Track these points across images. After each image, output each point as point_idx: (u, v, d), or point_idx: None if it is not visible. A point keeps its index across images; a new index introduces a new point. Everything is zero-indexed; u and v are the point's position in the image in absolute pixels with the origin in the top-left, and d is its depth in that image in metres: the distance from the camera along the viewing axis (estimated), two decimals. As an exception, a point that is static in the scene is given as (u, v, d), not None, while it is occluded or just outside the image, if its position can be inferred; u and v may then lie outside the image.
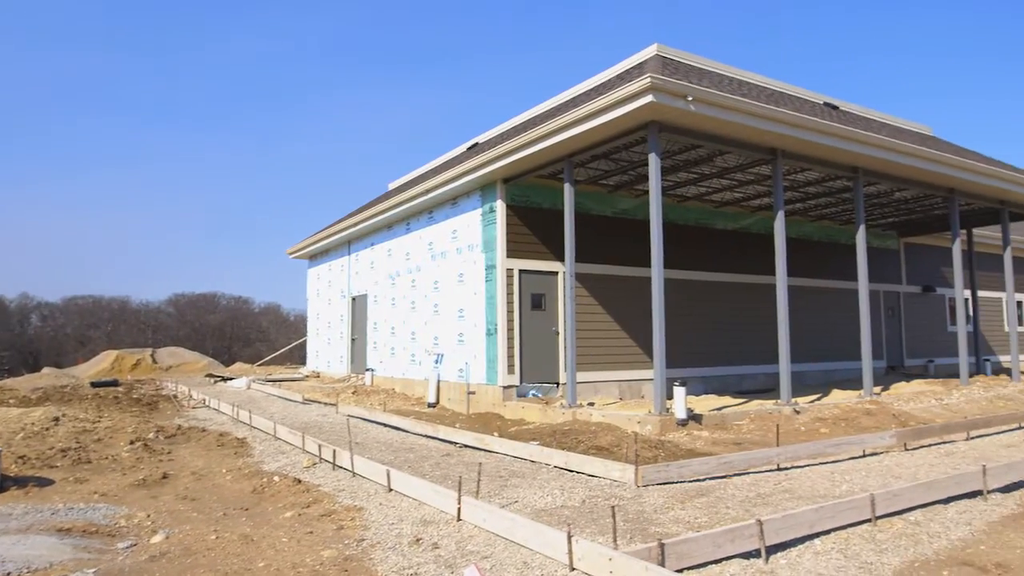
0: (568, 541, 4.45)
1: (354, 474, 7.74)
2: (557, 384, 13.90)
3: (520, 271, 13.84)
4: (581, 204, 14.33)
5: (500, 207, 13.83)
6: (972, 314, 20.61)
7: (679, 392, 10.30)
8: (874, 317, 19.71)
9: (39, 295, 63.45)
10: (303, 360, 28.69)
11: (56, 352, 49.15)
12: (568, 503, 6.39)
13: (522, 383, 13.56)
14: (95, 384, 19.87)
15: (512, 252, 13.80)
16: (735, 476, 7.38)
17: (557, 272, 14.18)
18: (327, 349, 24.08)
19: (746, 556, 4.74)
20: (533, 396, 13.45)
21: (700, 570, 4.54)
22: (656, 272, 10.73)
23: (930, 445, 9.34)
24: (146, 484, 7.76)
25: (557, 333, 14.07)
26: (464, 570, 4.49)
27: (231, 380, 22.36)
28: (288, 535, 5.62)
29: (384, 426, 12.01)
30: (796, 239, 18.09)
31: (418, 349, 16.92)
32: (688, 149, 12.49)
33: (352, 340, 21.75)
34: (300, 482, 7.50)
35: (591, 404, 12.67)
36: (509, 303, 13.64)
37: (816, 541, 5.11)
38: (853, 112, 17.18)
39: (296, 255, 26.23)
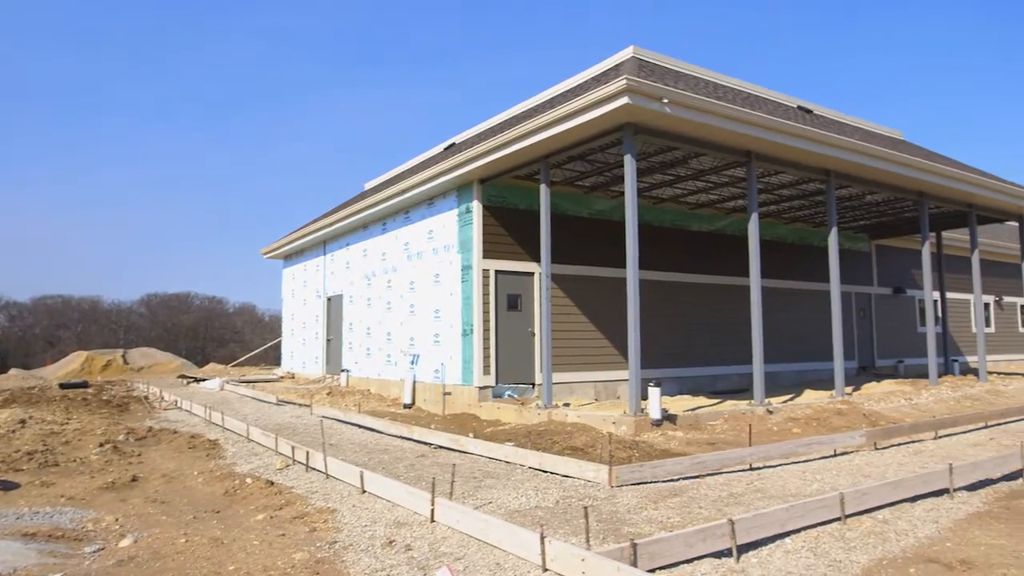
0: (541, 542, 4.46)
1: (327, 476, 7.69)
2: (533, 385, 13.91)
3: (496, 272, 13.84)
4: (557, 205, 14.36)
5: (476, 207, 13.81)
6: (941, 315, 21.00)
7: (653, 393, 10.36)
8: (846, 318, 19.98)
9: (7, 294, 62.27)
10: (278, 361, 28.43)
11: (24, 353, 48.18)
12: (542, 504, 6.40)
13: (498, 384, 13.56)
14: (64, 385, 19.52)
15: (488, 253, 13.79)
16: (708, 476, 7.43)
17: (533, 273, 14.20)
18: (302, 350, 23.89)
19: (718, 555, 4.77)
20: (509, 397, 13.45)
21: (672, 570, 4.56)
22: (631, 273, 10.78)
23: (899, 444, 9.48)
24: (115, 487, 7.63)
25: (533, 334, 14.09)
26: (436, 572, 4.47)
27: (204, 381, 22.11)
28: (259, 538, 5.56)
29: (359, 427, 11.94)
30: (770, 241, 18.28)
31: (394, 350, 16.84)
32: (664, 151, 12.57)
33: (327, 341, 21.60)
34: (273, 484, 7.42)
35: (567, 405, 12.70)
36: (485, 304, 13.63)
37: (787, 540, 5.16)
38: (826, 116, 17.41)
39: (271, 255, 26.00)
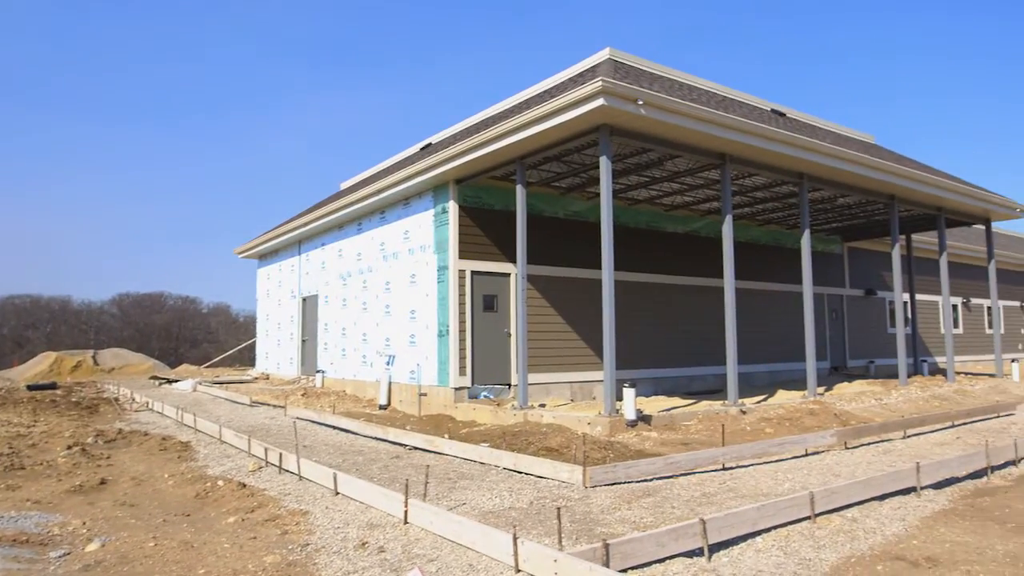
0: (513, 543, 4.46)
1: (300, 478, 7.62)
2: (509, 386, 13.91)
3: (472, 272, 13.82)
4: (533, 206, 14.38)
5: (452, 208, 13.79)
6: (911, 317, 21.35)
7: (629, 393, 10.41)
8: (818, 319, 20.24)
9: (-27, 294, 60.82)
10: (252, 362, 28.16)
11: (-9, 354, 47.22)
12: (516, 505, 6.40)
13: (474, 385, 13.54)
14: (31, 387, 19.17)
15: (464, 253, 13.77)
16: (681, 476, 7.48)
17: (509, 273, 14.20)
18: (277, 350, 23.68)
19: (689, 555, 4.81)
20: (485, 398, 13.44)
21: (644, 569, 4.58)
22: (607, 274, 10.82)
23: (869, 444, 9.62)
24: (83, 490, 7.50)
25: (509, 335, 14.09)
26: (408, 573, 4.46)
27: (176, 382, 21.83)
28: (230, 541, 5.50)
29: (333, 428, 11.86)
30: (744, 243, 18.46)
31: (369, 350, 16.75)
32: (639, 153, 12.64)
33: (302, 341, 21.42)
34: (245, 486, 7.35)
35: (542, 405, 12.71)
36: (461, 304, 13.61)
37: (758, 539, 5.21)
38: (799, 120, 17.61)
39: (245, 255, 25.74)
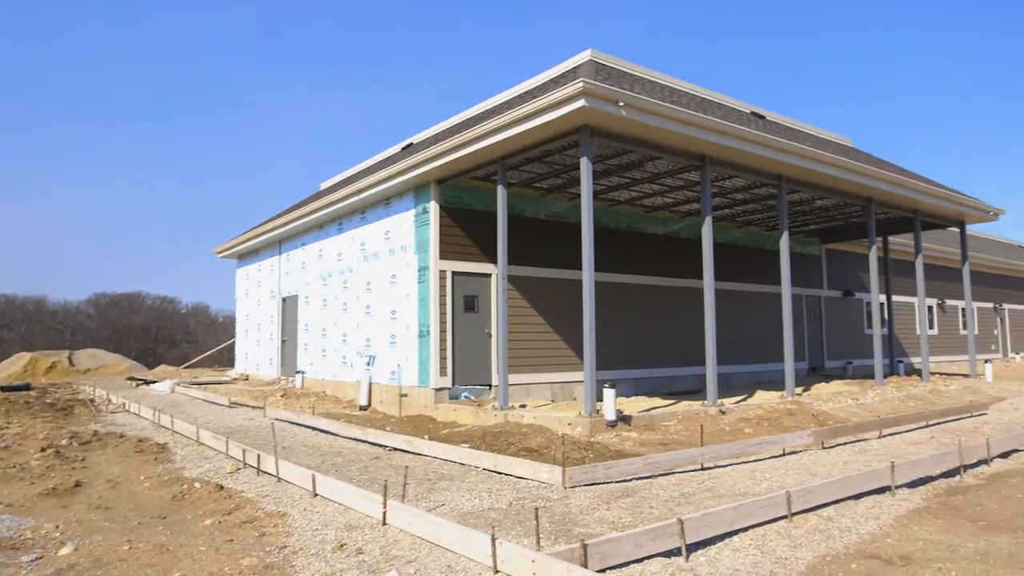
0: (492, 543, 4.45)
1: (279, 479, 7.57)
2: (490, 386, 13.91)
3: (453, 273, 13.80)
4: (514, 206, 14.39)
5: (433, 208, 13.76)
6: (887, 318, 21.61)
7: (609, 394, 10.45)
8: (797, 320, 20.44)
9: (-54, 294, 59.77)
10: (232, 363, 27.92)
11: (-36, 354, 46.40)
12: (495, 505, 6.40)
13: (454, 385, 13.52)
14: (4, 388, 18.87)
15: (445, 254, 13.75)
16: (660, 476, 7.52)
17: (490, 274, 14.20)
18: (256, 351, 23.49)
19: (667, 555, 4.83)
20: (465, 398, 13.42)
21: (622, 569, 4.60)
22: (587, 275, 10.85)
23: (845, 443, 9.72)
24: (56, 493, 7.40)
25: (490, 335, 14.08)
26: (386, 575, 4.44)
27: (154, 383, 21.58)
28: (207, 543, 5.44)
29: (313, 429, 11.79)
30: (724, 244, 18.59)
31: (350, 351, 16.68)
32: (620, 154, 12.69)
33: (282, 342, 21.28)
34: (222, 488, 7.28)
35: (523, 406, 12.72)
36: (442, 305, 13.58)
37: (735, 538, 5.25)
38: (778, 122, 17.77)
39: (224, 254, 25.52)
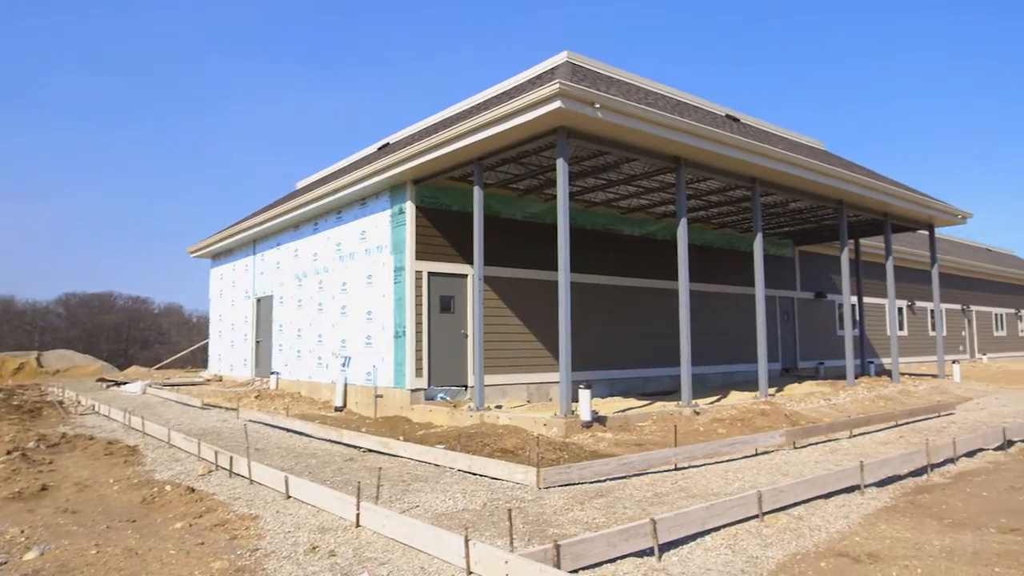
0: (465, 545, 4.45)
1: (251, 481, 7.50)
2: (466, 387, 13.89)
3: (429, 273, 13.77)
4: (491, 207, 14.39)
5: (410, 208, 13.72)
6: (858, 319, 21.93)
7: (584, 395, 10.48)
8: (770, 321, 20.67)
9: (-91, 293, 58.38)
10: (205, 363, 27.59)
11: (-72, 355, 45.31)
12: (470, 507, 6.39)
13: (430, 386, 13.49)
14: (-29, 390, 18.46)
15: (421, 254, 13.71)
16: (634, 476, 7.56)
17: (466, 275, 14.18)
18: (230, 352, 23.24)
19: (640, 555, 4.86)
20: (441, 399, 13.39)
21: (595, 570, 4.62)
22: (563, 276, 10.88)
23: (817, 443, 9.85)
24: (22, 497, 7.26)
25: (466, 336, 14.06)
26: (358, 578, 4.42)
27: (125, 384, 21.26)
28: (177, 547, 5.38)
29: (287, 431, 11.69)
30: (699, 246, 18.74)
31: (325, 352, 16.56)
32: (596, 155, 12.74)
33: (257, 342, 21.07)
34: (193, 491, 7.19)
35: (499, 407, 12.73)
36: (418, 305, 13.54)
37: (707, 538, 5.30)
38: (753, 125, 17.95)
39: (198, 254, 25.21)
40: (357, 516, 5.64)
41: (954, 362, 20.38)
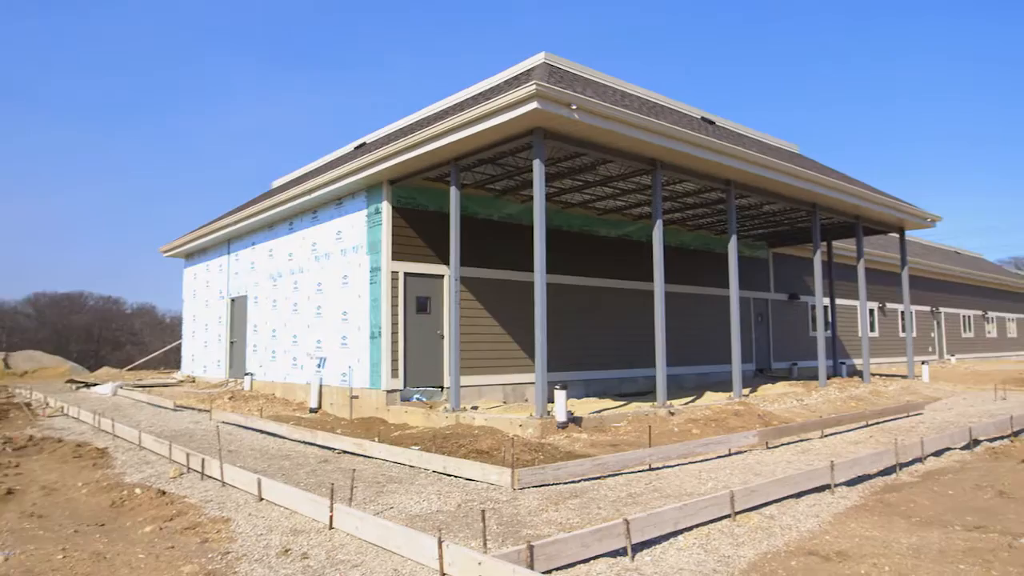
0: (439, 546, 4.44)
1: (223, 484, 7.42)
2: (442, 388, 13.86)
3: (405, 274, 13.72)
4: (467, 208, 14.38)
5: (386, 208, 13.65)
6: (831, 321, 22.21)
7: (559, 395, 10.50)
8: (745, 323, 20.88)
9: None
10: (178, 365, 27.24)
11: None
12: (444, 508, 6.38)
13: (406, 387, 13.44)
14: (-65, 391, 18.08)
15: (397, 254, 13.66)
16: (609, 477, 7.59)
17: (443, 275, 14.15)
18: (204, 353, 22.97)
19: (613, 555, 4.88)
20: (417, 400, 13.35)
21: (568, 570, 4.63)
22: (539, 277, 10.90)
23: (789, 443, 9.95)
24: (-13, 501, 7.12)
25: (442, 337, 14.03)
26: (331, 580, 4.39)
27: (95, 386, 20.93)
28: (146, 551, 5.30)
29: (260, 432, 11.58)
30: (674, 247, 18.88)
31: (300, 353, 16.43)
32: (572, 157, 12.78)
33: (231, 343, 20.85)
34: (164, 494, 7.10)
35: (475, 408, 12.71)
36: (394, 306, 13.49)
37: (680, 537, 5.33)
38: (728, 128, 18.11)
39: (171, 253, 24.90)
40: (330, 518, 5.61)
41: (923, 363, 20.73)
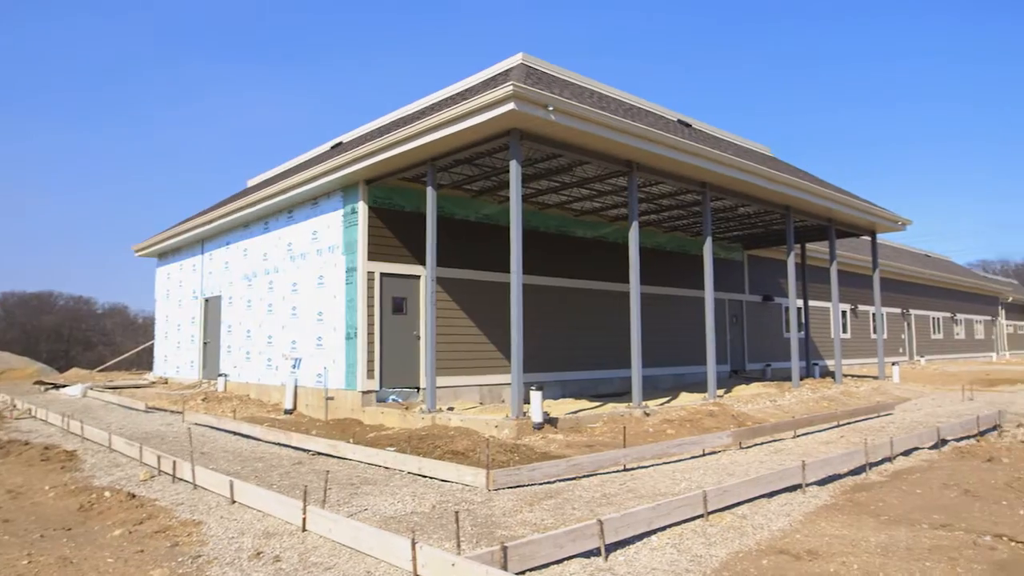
0: (412, 548, 4.42)
1: (195, 486, 7.33)
2: (418, 389, 13.81)
3: (382, 274, 13.66)
4: (444, 208, 14.36)
5: (362, 208, 13.58)
6: (804, 322, 22.48)
7: (535, 396, 10.52)
8: (720, 324, 21.05)
9: None
10: (151, 366, 26.86)
11: None
12: (419, 509, 6.36)
13: (382, 388, 13.38)
14: (-102, 393, 17.66)
15: (374, 255, 13.59)
16: (584, 478, 7.62)
17: (419, 276, 14.11)
18: (177, 353, 22.68)
19: (587, 555, 4.90)
20: (393, 401, 13.29)
21: (542, 571, 4.64)
22: (515, 277, 10.90)
23: (762, 443, 10.06)
24: (-50, 505, 6.96)
25: (418, 337, 13.99)
26: (303, 583, 4.36)
27: (65, 387, 20.58)
28: (115, 555, 5.22)
29: (234, 434, 11.46)
30: (650, 249, 18.99)
31: (275, 353, 16.29)
32: (549, 158, 12.81)
33: (204, 344, 20.61)
34: (134, 497, 7.00)
35: (451, 409, 12.69)
36: (370, 307, 13.42)
37: (653, 537, 5.36)
38: (703, 130, 18.27)
39: (143, 253, 24.55)
40: (303, 520, 5.56)
41: (894, 364, 21.06)
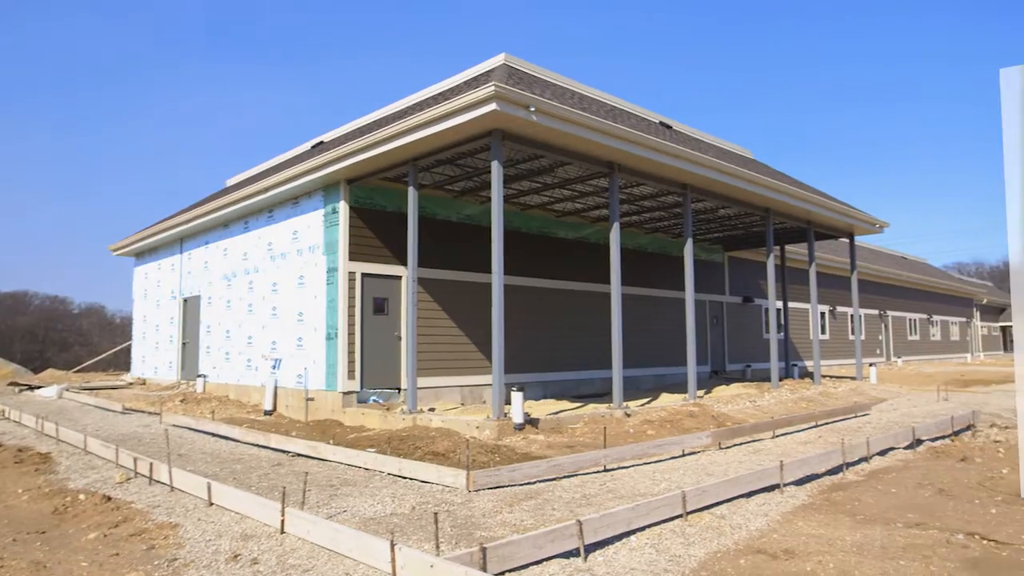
0: (391, 549, 4.41)
1: (172, 488, 7.25)
2: (399, 390, 13.77)
3: (363, 274, 13.60)
4: (426, 208, 14.32)
5: (343, 208, 13.52)
6: (783, 323, 22.68)
7: (516, 397, 10.53)
8: (700, 325, 21.17)
9: None
10: (128, 366, 26.55)
11: None
12: (398, 511, 6.34)
13: (363, 389, 13.32)
14: None
15: (355, 255, 13.53)
16: (564, 478, 7.63)
17: (400, 276, 14.07)
18: (155, 354, 22.44)
19: (566, 556, 4.91)
20: (374, 402, 13.24)
21: (522, 571, 4.64)
22: (496, 278, 10.91)
23: (741, 444, 10.13)
24: (-80, 508, 6.84)
25: (399, 338, 13.95)
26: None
27: (40, 388, 20.29)
28: (89, 559, 5.16)
29: (212, 436, 11.36)
30: (632, 250, 19.06)
31: (255, 354, 16.16)
32: (531, 159, 12.83)
33: (183, 344, 20.41)
34: (110, 499, 6.91)
35: (432, 409, 12.67)
36: (351, 307, 13.36)
37: (632, 538, 5.38)
38: (685, 132, 18.37)
39: (120, 252, 24.26)
40: (282, 522, 5.53)
41: (872, 365, 21.30)
